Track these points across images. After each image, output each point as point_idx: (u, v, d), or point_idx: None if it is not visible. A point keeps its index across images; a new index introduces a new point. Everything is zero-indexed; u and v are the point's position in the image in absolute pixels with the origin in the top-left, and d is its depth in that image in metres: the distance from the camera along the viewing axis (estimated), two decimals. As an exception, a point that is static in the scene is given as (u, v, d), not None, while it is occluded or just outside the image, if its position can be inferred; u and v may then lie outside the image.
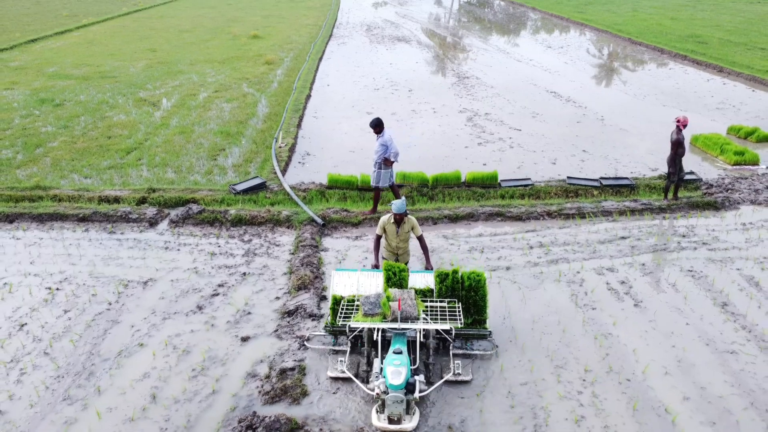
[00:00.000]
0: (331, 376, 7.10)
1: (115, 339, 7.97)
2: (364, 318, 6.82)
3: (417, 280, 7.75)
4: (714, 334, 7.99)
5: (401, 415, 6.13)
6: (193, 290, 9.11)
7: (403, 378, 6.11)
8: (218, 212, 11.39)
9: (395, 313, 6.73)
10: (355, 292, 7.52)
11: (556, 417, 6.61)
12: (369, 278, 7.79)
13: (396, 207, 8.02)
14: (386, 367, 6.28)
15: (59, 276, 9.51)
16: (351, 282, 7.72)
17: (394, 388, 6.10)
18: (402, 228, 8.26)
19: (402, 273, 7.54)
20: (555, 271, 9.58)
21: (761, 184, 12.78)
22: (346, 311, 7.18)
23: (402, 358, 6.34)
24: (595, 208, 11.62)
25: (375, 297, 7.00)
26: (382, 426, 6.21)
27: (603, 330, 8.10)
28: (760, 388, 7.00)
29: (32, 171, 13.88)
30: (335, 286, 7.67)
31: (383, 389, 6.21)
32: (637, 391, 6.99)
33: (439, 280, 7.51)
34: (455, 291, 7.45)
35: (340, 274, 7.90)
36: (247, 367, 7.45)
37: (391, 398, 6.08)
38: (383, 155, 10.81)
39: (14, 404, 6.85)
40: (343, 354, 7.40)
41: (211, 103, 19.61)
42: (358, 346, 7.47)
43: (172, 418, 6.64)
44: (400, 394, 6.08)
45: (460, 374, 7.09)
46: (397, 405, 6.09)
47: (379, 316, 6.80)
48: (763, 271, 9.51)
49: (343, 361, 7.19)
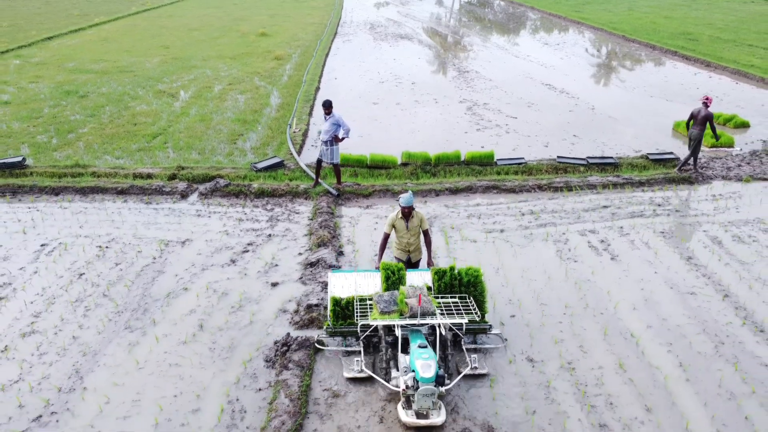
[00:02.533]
0: (348, 377, 7.11)
1: (162, 284, 9.27)
2: (381, 316, 6.84)
3: (414, 278, 7.73)
4: (678, 280, 9.29)
5: (430, 408, 6.21)
6: (225, 248, 10.40)
7: (434, 371, 6.14)
8: (243, 186, 12.69)
9: (414, 309, 6.74)
10: (353, 293, 7.55)
11: (540, 340, 7.91)
12: (366, 278, 7.80)
13: (404, 200, 7.95)
14: (415, 361, 6.27)
15: (106, 237, 10.81)
16: (348, 283, 7.74)
17: (425, 381, 6.11)
18: (411, 222, 8.19)
19: (400, 272, 7.60)
20: (543, 233, 10.89)
21: (733, 163, 14.07)
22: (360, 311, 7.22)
23: (429, 351, 6.38)
24: (581, 182, 12.92)
25: (389, 295, 7.04)
26: (412, 421, 6.24)
27: (582, 277, 9.39)
28: (712, 319, 8.30)
29: (68, 153, 15.16)
30: (333, 288, 7.67)
31: (412, 383, 6.24)
32: (608, 321, 8.29)
33: (437, 277, 7.57)
34: (453, 288, 7.51)
35: (337, 276, 7.86)
36: (278, 305, 8.75)
37: (422, 391, 6.11)
38: (334, 133, 11.99)
39: (84, 331, 8.15)
40: (357, 354, 7.38)
41: (226, 94, 20.89)
42: (370, 346, 7.49)
43: (218, 341, 7.94)
44: (431, 386, 6.12)
45: (477, 368, 7.15)
46: (427, 399, 6.14)
47: (396, 313, 6.84)
48: (726, 232, 10.81)
49: (359, 360, 7.14)
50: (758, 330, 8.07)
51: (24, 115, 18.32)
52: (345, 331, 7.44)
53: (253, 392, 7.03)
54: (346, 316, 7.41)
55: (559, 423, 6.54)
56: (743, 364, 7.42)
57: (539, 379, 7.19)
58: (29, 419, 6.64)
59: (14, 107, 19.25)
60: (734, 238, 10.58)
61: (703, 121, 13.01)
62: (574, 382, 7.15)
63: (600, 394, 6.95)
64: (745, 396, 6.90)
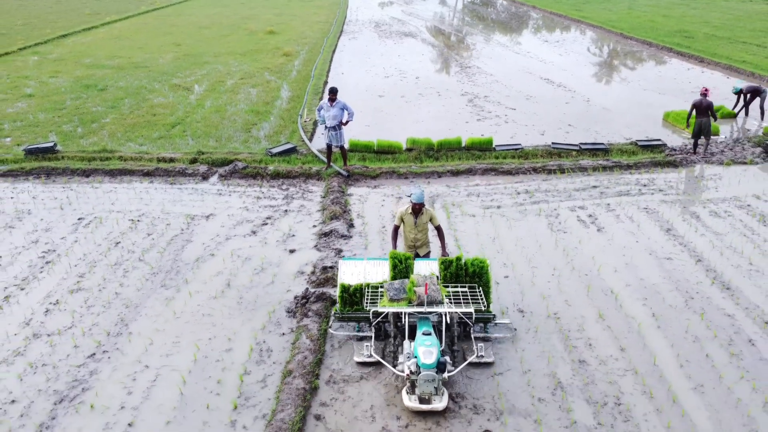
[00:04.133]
0: (358, 361, 7.38)
1: (191, 251, 10.30)
2: (390, 303, 7.05)
3: (422, 267, 7.88)
4: (656, 247, 10.28)
5: (432, 394, 6.42)
6: (246, 221, 11.43)
7: (435, 357, 6.32)
8: (259, 168, 13.71)
9: (421, 298, 6.97)
10: (362, 281, 7.75)
11: (530, 295, 8.90)
12: (375, 266, 8.03)
13: (415, 197, 8.09)
14: (418, 348, 6.47)
15: (137, 212, 11.85)
16: (357, 271, 7.95)
17: (426, 367, 6.31)
18: (420, 219, 8.29)
19: (407, 261, 7.78)
20: (536, 209, 11.88)
21: (717, 149, 15.03)
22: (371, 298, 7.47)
23: (432, 339, 6.58)
24: (573, 165, 13.91)
25: (399, 283, 7.26)
26: (414, 406, 6.45)
27: (570, 246, 10.39)
28: (685, 279, 9.29)
29: (93, 140, 16.20)
30: (342, 275, 7.88)
31: (414, 369, 6.43)
32: (591, 281, 9.28)
33: (444, 267, 7.71)
34: (459, 277, 7.67)
35: (347, 264, 8.11)
36: (296, 268, 9.77)
37: (423, 377, 6.31)
38: (340, 118, 12.96)
39: (125, 289, 9.18)
40: (368, 340, 7.64)
41: (239, 88, 21.92)
42: (381, 332, 7.75)
43: (245, 297, 8.96)
44: (432, 372, 6.31)
45: (483, 356, 7.32)
46: (428, 384, 6.34)
47: (405, 301, 7.07)
48: (704, 208, 11.79)
49: (369, 346, 7.42)
50: (725, 288, 9.05)
51: (48, 106, 19.37)
52: (353, 317, 7.65)
53: (277, 336, 8.05)
54: (354, 302, 7.64)
55: (545, 359, 7.53)
56: (709, 314, 8.41)
57: (528, 326, 8.19)
58: (84, 356, 7.67)
59: (38, 100, 20.30)
60: (711, 213, 11.56)
61: (706, 110, 14.24)
62: (559, 328, 8.15)
63: (581, 338, 7.94)
64: (708, 339, 7.88)
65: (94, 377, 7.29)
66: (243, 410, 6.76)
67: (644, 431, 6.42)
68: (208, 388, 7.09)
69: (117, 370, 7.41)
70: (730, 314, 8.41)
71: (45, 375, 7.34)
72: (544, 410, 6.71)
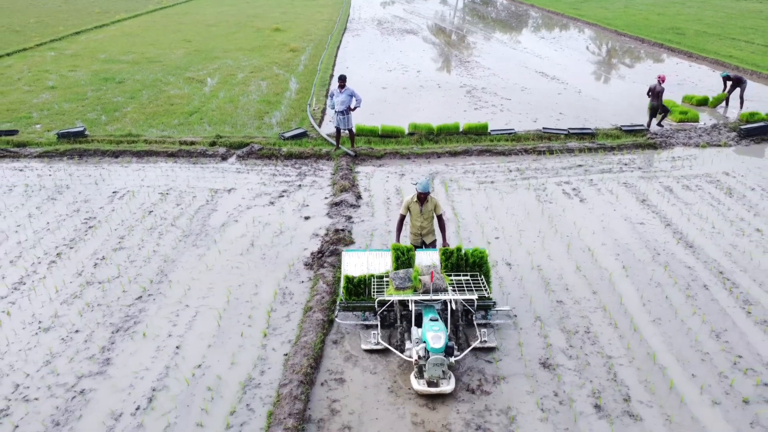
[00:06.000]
0: (365, 349, 7.63)
1: (217, 218, 11.57)
2: (396, 292, 7.31)
3: (423, 258, 8.07)
4: (631, 214, 11.54)
5: (440, 378, 6.67)
6: (264, 194, 12.70)
7: (443, 342, 6.58)
8: (274, 150, 14.99)
9: (427, 286, 7.21)
10: (365, 272, 8.00)
11: (516, 252, 10.17)
12: (378, 258, 8.27)
13: (421, 186, 8.28)
14: (426, 333, 6.72)
15: (165, 187, 13.12)
16: (361, 262, 8.19)
17: (435, 351, 6.57)
18: (425, 207, 8.52)
19: (410, 252, 8.00)
20: (526, 183, 13.15)
21: (695, 134, 16.29)
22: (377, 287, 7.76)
23: (439, 324, 6.83)
24: (561, 147, 15.17)
25: (404, 272, 7.50)
26: (422, 389, 6.68)
27: (555, 213, 11.65)
28: (653, 239, 10.55)
29: (118, 127, 17.47)
30: (346, 266, 8.13)
31: (423, 354, 6.69)
32: (571, 241, 10.54)
33: (444, 257, 7.95)
34: (460, 268, 7.93)
35: (350, 255, 8.33)
36: (311, 231, 11.04)
37: (432, 361, 6.55)
38: (348, 104, 14.20)
39: (161, 247, 10.45)
40: (374, 328, 7.89)
41: (249, 81, 23.19)
42: (386, 320, 7.98)
43: (267, 253, 10.23)
44: (440, 356, 6.57)
45: (486, 341, 7.57)
46: (437, 368, 6.58)
47: (410, 289, 7.33)
48: (678, 183, 13.05)
49: (377, 333, 7.65)
50: (688, 246, 10.32)
51: (71, 97, 20.66)
52: (357, 306, 7.92)
53: (297, 283, 9.32)
54: (358, 293, 7.88)
55: (527, 300, 8.80)
56: (672, 266, 9.68)
57: (514, 275, 9.46)
58: (133, 298, 8.95)
59: (60, 91, 21.58)
60: (684, 187, 12.82)
61: (658, 95, 15.70)
62: (541, 277, 9.41)
63: (559, 284, 9.21)
64: (668, 285, 9.15)
65: (143, 314, 8.57)
66: (271, 337, 8.03)
67: (607, 351, 7.68)
68: (240, 321, 8.36)
69: (162, 309, 8.68)
70: (690, 266, 9.68)
71: (101, 312, 8.62)
72: (525, 337, 7.97)
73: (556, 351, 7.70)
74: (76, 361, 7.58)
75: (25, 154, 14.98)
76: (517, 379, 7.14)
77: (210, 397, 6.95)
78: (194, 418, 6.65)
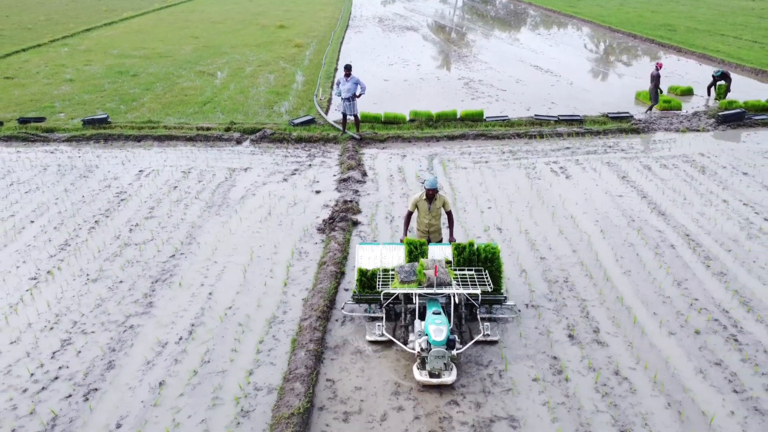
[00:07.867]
0: (370, 340, 7.77)
1: (236, 192, 12.77)
2: (401, 285, 7.43)
3: (436, 252, 8.17)
4: (612, 188, 12.75)
5: (441, 369, 6.80)
6: (277, 172, 13.90)
7: (445, 335, 6.69)
8: (285, 134, 16.19)
9: (431, 280, 7.29)
10: (378, 265, 8.12)
11: (506, 220, 11.37)
12: (391, 251, 8.32)
13: (429, 183, 8.37)
14: (428, 326, 6.83)
15: (186, 167, 14.32)
16: (374, 255, 8.27)
17: (436, 344, 6.67)
18: (434, 204, 8.58)
19: (423, 247, 8.08)
20: (518, 163, 14.35)
21: (676, 120, 17.49)
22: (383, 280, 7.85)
23: (442, 317, 6.93)
24: (551, 132, 16.37)
25: (409, 266, 7.63)
26: (425, 380, 6.83)
27: (542, 188, 12.85)
28: (630, 208, 11.75)
29: (137, 115, 18.68)
30: (360, 260, 8.21)
31: (425, 346, 6.76)
32: (556, 210, 11.74)
33: (457, 252, 8.03)
34: (471, 262, 8.00)
35: (364, 248, 8.38)
36: (322, 202, 12.24)
37: (434, 353, 6.68)
38: (354, 91, 15.37)
39: (188, 216, 11.65)
40: (379, 320, 7.97)
41: (258, 74, 24.38)
42: (391, 313, 8.11)
43: (283, 221, 11.43)
44: (442, 349, 6.67)
45: (489, 335, 7.67)
46: (438, 360, 6.70)
47: (415, 282, 7.43)
48: (656, 162, 14.25)
49: (381, 325, 7.77)
50: (660, 214, 11.52)
51: (90, 89, 21.85)
52: (369, 299, 8.08)
53: (311, 244, 10.53)
54: (372, 286, 8.01)
55: (515, 257, 10.00)
56: (644, 230, 10.88)
57: (503, 238, 10.66)
58: (167, 256, 10.15)
59: (78, 84, 22.78)
60: (661, 166, 14.02)
61: (654, 78, 17.34)
62: (527, 239, 10.61)
63: (543, 245, 10.40)
64: (640, 245, 10.34)
65: (177, 268, 9.77)
66: (291, 286, 9.23)
67: (582, 295, 8.88)
68: (263, 274, 9.56)
69: (193, 264, 9.88)
70: (660, 230, 10.88)
71: (140, 267, 9.82)
72: (511, 286, 9.17)
73: (538, 296, 8.90)
74: (123, 304, 8.78)
75: (54, 139, 16.18)
76: (504, 317, 8.30)
77: (241, 330, 8.15)
78: (229, 345, 7.85)
